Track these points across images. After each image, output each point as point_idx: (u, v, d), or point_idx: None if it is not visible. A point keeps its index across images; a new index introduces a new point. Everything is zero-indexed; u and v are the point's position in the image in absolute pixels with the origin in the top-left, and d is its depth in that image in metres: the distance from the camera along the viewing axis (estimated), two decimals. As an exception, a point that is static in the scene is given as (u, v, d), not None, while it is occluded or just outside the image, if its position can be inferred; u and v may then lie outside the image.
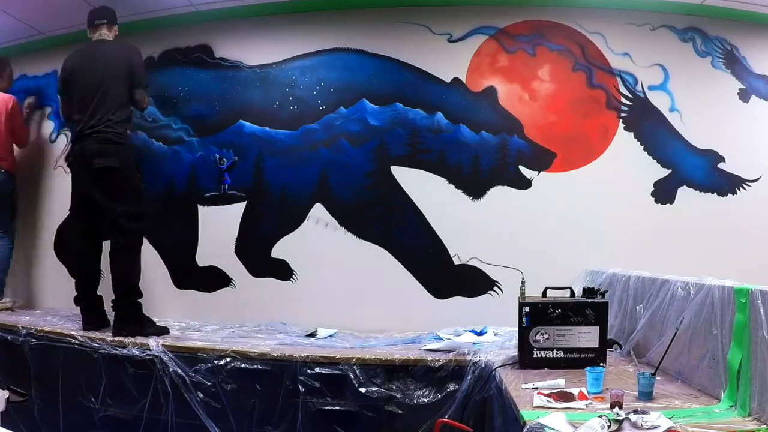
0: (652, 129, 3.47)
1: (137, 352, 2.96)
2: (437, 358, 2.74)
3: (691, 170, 3.47)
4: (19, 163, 4.19)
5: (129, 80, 3.28)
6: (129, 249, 3.30)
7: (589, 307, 2.50)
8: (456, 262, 3.50)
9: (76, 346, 3.11)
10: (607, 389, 2.01)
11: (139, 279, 3.32)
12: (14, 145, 4.07)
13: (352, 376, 2.74)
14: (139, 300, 3.29)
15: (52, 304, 4.08)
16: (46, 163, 4.17)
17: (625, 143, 3.47)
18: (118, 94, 3.26)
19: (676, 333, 2.19)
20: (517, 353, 2.55)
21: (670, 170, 3.47)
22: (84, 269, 3.42)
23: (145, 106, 3.44)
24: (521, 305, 2.52)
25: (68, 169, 3.58)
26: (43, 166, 4.18)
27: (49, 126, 4.18)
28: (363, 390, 2.72)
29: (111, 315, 3.33)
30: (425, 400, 2.70)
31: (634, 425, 1.65)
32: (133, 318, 3.21)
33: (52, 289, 4.14)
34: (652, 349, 2.44)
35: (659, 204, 3.47)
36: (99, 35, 3.37)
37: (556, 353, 2.49)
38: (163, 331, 3.24)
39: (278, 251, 3.66)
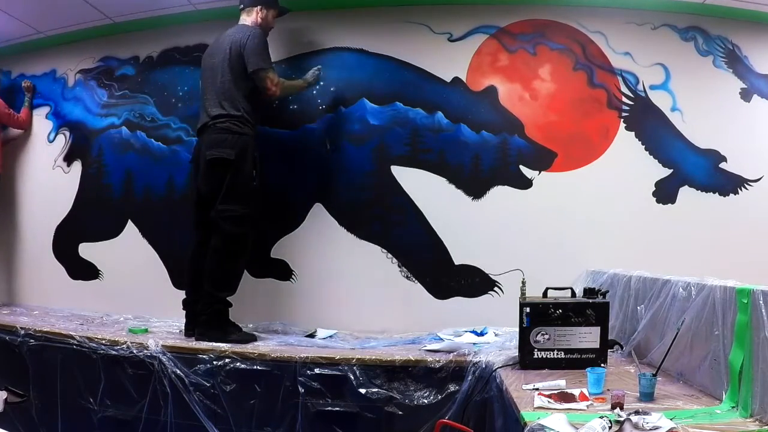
0: (654, 128, 3.46)
1: (136, 353, 2.94)
2: (437, 359, 2.73)
3: (693, 170, 3.46)
4: (16, 163, 4.21)
5: (240, 66, 3.09)
6: (221, 252, 3.10)
7: (590, 308, 2.50)
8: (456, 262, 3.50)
9: (74, 346, 3.10)
10: (608, 390, 2.01)
11: (231, 288, 3.19)
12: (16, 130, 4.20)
13: (352, 376, 2.73)
14: (224, 307, 3.17)
15: (51, 305, 4.07)
16: (44, 162, 4.16)
17: (626, 143, 3.46)
18: (227, 82, 3.11)
19: (677, 333, 2.18)
20: (517, 354, 2.54)
21: (672, 170, 3.46)
22: (192, 269, 3.27)
23: (272, 92, 3.13)
24: (522, 305, 2.51)
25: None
26: (41, 166, 4.18)
27: (47, 125, 4.17)
28: (363, 391, 2.71)
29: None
30: (425, 401, 2.69)
31: (636, 426, 1.64)
32: (215, 324, 3.08)
33: (51, 289, 4.14)
34: (654, 349, 2.43)
35: (660, 204, 3.46)
36: (241, 20, 3.26)
37: (557, 354, 2.48)
38: (250, 338, 3.11)
39: (278, 251, 3.65)
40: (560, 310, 2.49)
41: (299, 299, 3.61)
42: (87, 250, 4.07)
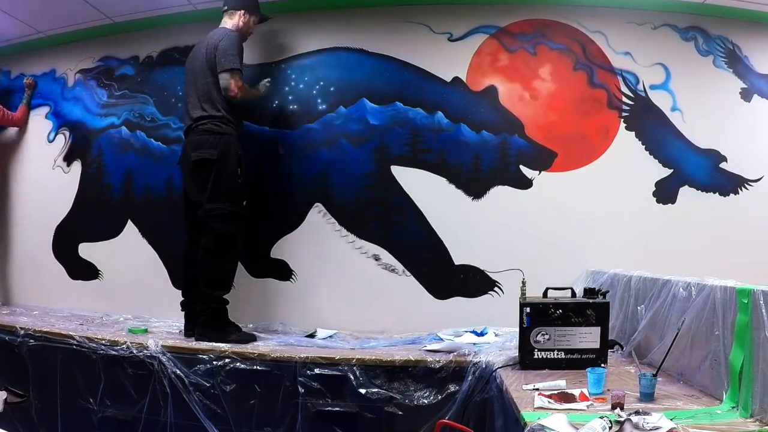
0: (654, 128, 3.46)
1: (136, 353, 2.94)
2: (437, 359, 2.72)
3: (693, 170, 3.46)
4: (15, 163, 4.20)
5: (215, 67, 3.13)
6: (211, 251, 3.11)
7: (590, 308, 2.49)
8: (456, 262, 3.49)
9: (74, 346, 3.10)
10: (609, 390, 2.00)
11: (226, 286, 3.20)
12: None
13: (352, 377, 2.73)
14: (222, 306, 3.19)
15: (51, 305, 4.07)
16: (44, 162, 4.16)
17: (626, 143, 3.45)
18: (207, 84, 3.15)
19: (677, 334, 2.18)
20: (517, 354, 2.54)
21: (672, 170, 3.46)
22: (186, 270, 3.29)
23: (232, 93, 3.11)
24: (522, 306, 2.51)
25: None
26: (41, 166, 4.17)
27: (47, 125, 4.17)
28: (363, 391, 2.71)
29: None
30: (425, 401, 2.69)
31: (636, 426, 1.64)
32: (214, 325, 3.09)
33: (51, 289, 4.13)
34: (654, 349, 2.43)
35: (661, 204, 3.45)
36: (222, 23, 3.28)
37: (557, 354, 2.48)
38: (250, 338, 3.12)
39: (278, 251, 3.65)
40: (560, 310, 2.48)
41: (299, 299, 3.61)
42: (87, 250, 4.06)
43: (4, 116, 4.09)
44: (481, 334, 3.15)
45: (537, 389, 2.11)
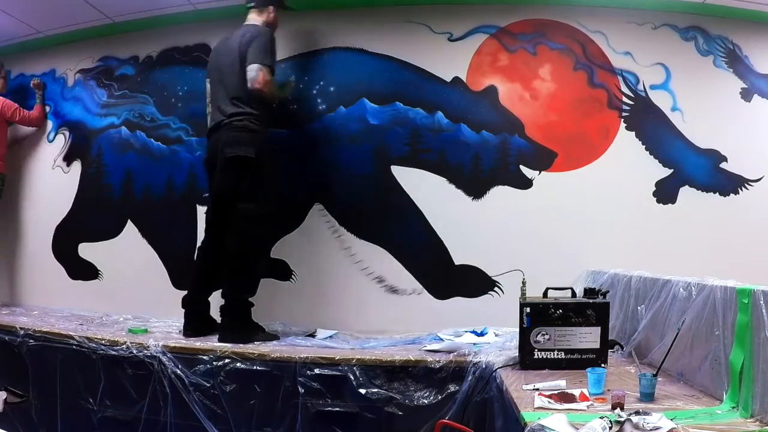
0: (654, 128, 3.46)
1: (136, 353, 2.94)
2: (437, 359, 2.72)
3: (693, 170, 3.46)
4: (15, 163, 4.19)
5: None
6: (242, 253, 3.10)
7: (590, 308, 2.49)
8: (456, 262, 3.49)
9: (74, 346, 3.09)
10: (609, 390, 2.00)
11: (252, 290, 3.22)
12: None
13: (352, 377, 2.73)
14: (247, 308, 3.19)
15: (51, 305, 4.07)
16: (43, 162, 4.16)
17: (626, 143, 3.45)
18: (240, 81, 3.07)
19: (677, 334, 2.18)
20: (517, 354, 2.54)
21: (672, 170, 3.46)
22: (202, 269, 3.27)
23: (259, 86, 3.02)
24: (522, 306, 2.51)
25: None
26: (40, 166, 4.18)
27: (46, 125, 4.18)
28: (363, 391, 2.71)
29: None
30: (425, 401, 2.68)
31: (636, 426, 1.64)
32: (237, 326, 3.09)
33: (51, 289, 4.13)
34: (654, 349, 2.43)
35: (661, 204, 3.45)
36: (247, 20, 3.22)
37: (557, 354, 2.48)
38: (273, 338, 3.13)
39: (278, 251, 3.64)
40: (560, 311, 2.48)
41: (299, 299, 3.61)
42: (87, 250, 4.07)
43: (22, 117, 4.08)
44: (481, 334, 3.15)
45: (537, 389, 2.11)
